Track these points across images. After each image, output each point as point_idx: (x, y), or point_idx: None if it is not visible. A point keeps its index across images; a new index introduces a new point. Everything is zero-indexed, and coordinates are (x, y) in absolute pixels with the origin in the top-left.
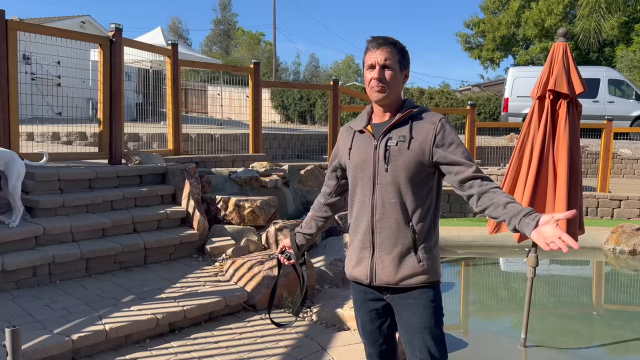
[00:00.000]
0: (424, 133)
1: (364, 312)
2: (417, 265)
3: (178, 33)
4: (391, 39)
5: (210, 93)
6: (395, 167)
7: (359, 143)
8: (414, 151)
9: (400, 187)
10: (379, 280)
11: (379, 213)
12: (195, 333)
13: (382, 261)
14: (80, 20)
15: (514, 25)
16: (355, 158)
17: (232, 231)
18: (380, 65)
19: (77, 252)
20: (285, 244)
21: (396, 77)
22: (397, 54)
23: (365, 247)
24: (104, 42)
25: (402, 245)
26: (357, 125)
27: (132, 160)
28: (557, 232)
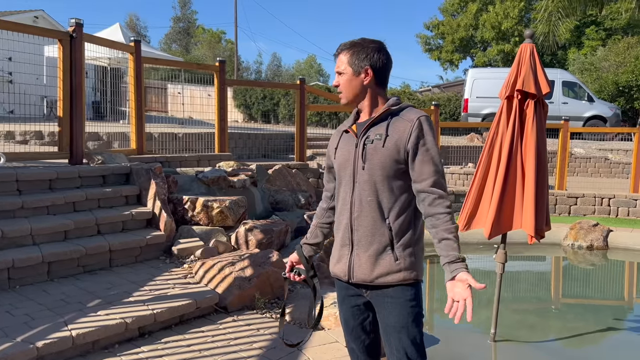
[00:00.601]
0: (399, 131)
1: (346, 308)
2: (394, 263)
3: (136, 30)
4: (344, 44)
5: (171, 91)
6: (372, 165)
7: (343, 142)
8: (389, 149)
9: (376, 185)
10: (356, 277)
11: (357, 211)
12: (166, 337)
13: (360, 258)
14: (33, 15)
15: (472, 28)
16: (339, 157)
17: (200, 232)
18: (337, 73)
19: (38, 256)
20: (293, 260)
21: (350, 81)
22: (349, 57)
23: (345, 244)
24: (63, 38)
25: (378, 243)
26: (344, 126)
27: (95, 160)
28: (465, 294)
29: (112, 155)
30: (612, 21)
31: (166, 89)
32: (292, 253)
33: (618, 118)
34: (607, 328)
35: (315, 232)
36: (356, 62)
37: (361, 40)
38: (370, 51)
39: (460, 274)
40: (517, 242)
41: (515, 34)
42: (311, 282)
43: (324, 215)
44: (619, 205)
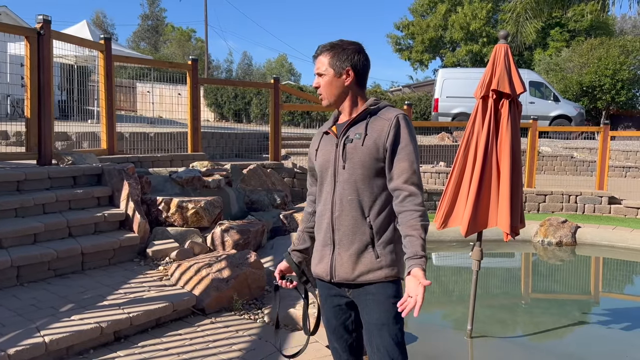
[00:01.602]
0: (378, 129)
1: (329, 307)
2: (375, 261)
3: (103, 27)
4: (324, 46)
5: (140, 90)
6: (352, 164)
7: (324, 143)
8: (368, 147)
9: (356, 184)
10: (337, 276)
11: (338, 210)
12: (142, 341)
13: (341, 257)
14: None
15: (441, 28)
16: (320, 158)
17: (175, 233)
18: (317, 74)
19: (7, 260)
20: (282, 268)
21: (330, 82)
22: (330, 58)
23: (326, 244)
24: (30, 35)
25: (359, 241)
26: (325, 127)
27: (64, 161)
28: (417, 290)
29: (82, 155)
30: (575, 23)
31: (135, 87)
32: (269, 251)
33: (582, 117)
34: (576, 322)
35: (302, 237)
36: (337, 64)
37: (340, 41)
38: (351, 52)
39: (414, 270)
40: (490, 239)
41: (484, 35)
42: (302, 287)
43: (309, 219)
44: (585, 202)
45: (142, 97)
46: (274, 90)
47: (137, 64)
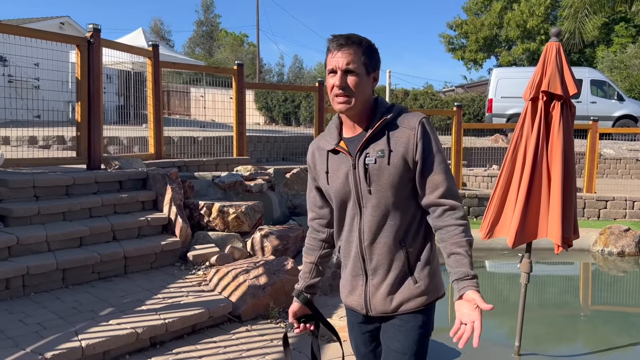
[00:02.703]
0: (403, 143)
1: (358, 334)
2: (414, 287)
3: (160, 34)
4: (355, 37)
5: (193, 95)
6: (379, 187)
7: (336, 164)
8: (396, 166)
9: (388, 208)
10: (374, 310)
11: (367, 238)
12: (177, 347)
13: (376, 289)
14: (59, 21)
15: (496, 27)
16: (335, 182)
17: (216, 238)
18: (343, 71)
19: (53, 263)
20: (296, 310)
21: (362, 83)
22: (363, 55)
23: (357, 274)
24: (81, 43)
25: (396, 269)
26: (328, 144)
27: (112, 165)
28: (473, 316)
29: (129, 160)
30: None
31: (189, 92)
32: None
33: None
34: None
35: (314, 270)
36: (370, 64)
37: (365, 39)
38: (378, 55)
39: (467, 293)
40: (545, 247)
41: (541, 32)
42: (329, 325)
43: (321, 246)
44: None
45: (195, 102)
46: (318, 93)
47: (184, 69)
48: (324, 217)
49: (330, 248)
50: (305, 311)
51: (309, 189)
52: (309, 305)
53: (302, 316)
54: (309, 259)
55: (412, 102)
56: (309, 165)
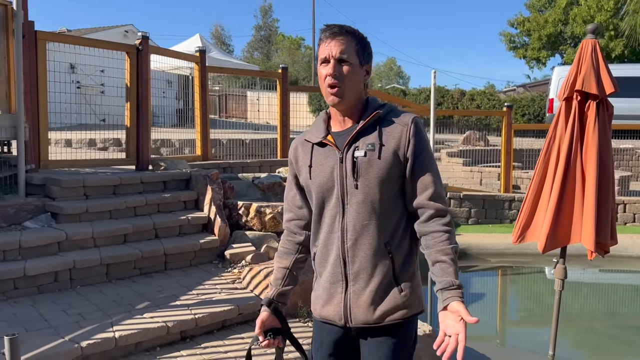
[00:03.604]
0: (395, 137)
1: (322, 355)
2: (399, 297)
3: (221, 39)
4: (348, 28)
5: (250, 98)
6: (367, 182)
7: (320, 158)
8: (387, 160)
9: (374, 206)
10: (355, 320)
11: (351, 239)
12: (206, 342)
13: (358, 297)
14: (124, 29)
15: (561, 23)
16: (319, 176)
17: (252, 237)
18: (336, 59)
19: (98, 258)
20: (264, 320)
21: (355, 74)
22: (357, 44)
23: (336, 280)
24: (130, 50)
25: (380, 274)
26: (314, 137)
27: (158, 166)
28: (457, 328)
29: (174, 161)
30: None
31: (245, 96)
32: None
33: None
34: None
35: (288, 276)
36: (364, 55)
37: (356, 29)
38: (371, 48)
39: (452, 304)
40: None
41: (610, 28)
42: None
43: (297, 250)
44: None
45: (251, 105)
46: None
47: (230, 73)
48: (303, 218)
49: (306, 253)
50: (274, 323)
51: (288, 187)
52: (279, 316)
53: (270, 329)
54: (282, 263)
55: (469, 102)
56: (290, 162)
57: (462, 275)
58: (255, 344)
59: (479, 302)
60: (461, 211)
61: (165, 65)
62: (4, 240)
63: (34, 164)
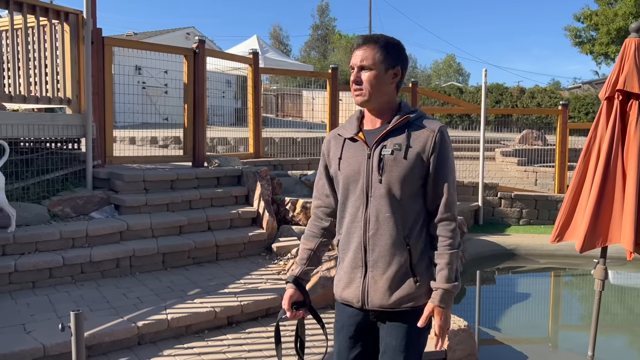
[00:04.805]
0: (422, 141)
1: (343, 337)
2: (415, 286)
3: (279, 40)
4: (374, 36)
5: (305, 97)
6: (390, 178)
7: (350, 152)
8: (411, 161)
9: (395, 200)
10: (371, 303)
11: (372, 228)
12: (250, 327)
13: (375, 282)
14: (186, 32)
15: (632, 16)
16: (346, 168)
17: (298, 232)
18: (358, 67)
19: (155, 247)
20: (291, 295)
21: (376, 79)
22: (378, 51)
23: (357, 266)
24: (188, 54)
25: (397, 263)
26: (347, 132)
27: (213, 163)
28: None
29: (227, 158)
30: None
31: (301, 95)
32: None
33: None
34: None
35: (313, 257)
36: (389, 60)
37: (390, 37)
38: (402, 51)
39: (428, 304)
40: None
41: None
42: (316, 312)
43: (322, 234)
44: None
45: (306, 105)
46: (411, 93)
47: (282, 74)
48: (329, 206)
49: (329, 238)
50: (299, 297)
51: (318, 177)
52: (302, 291)
53: (295, 303)
54: (308, 245)
55: (529, 100)
56: (322, 153)
57: (509, 276)
58: (282, 316)
59: (526, 302)
60: (512, 211)
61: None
62: (74, 229)
63: (100, 160)
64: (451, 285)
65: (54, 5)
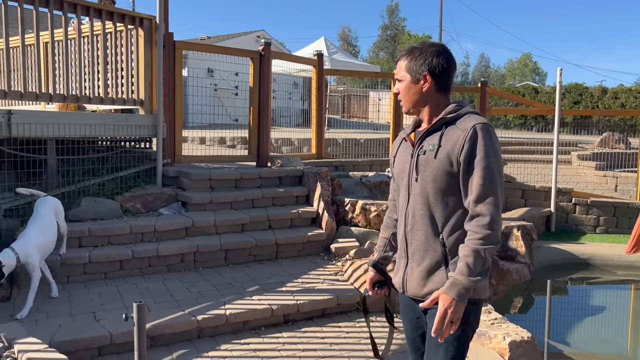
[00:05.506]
0: (452, 141)
1: (407, 319)
2: (446, 280)
3: (347, 41)
4: (407, 48)
5: (372, 98)
6: (423, 177)
7: (402, 151)
8: (441, 161)
9: (429, 198)
10: (409, 291)
11: (410, 224)
12: (306, 327)
13: (412, 272)
14: (255, 35)
15: None
16: (397, 167)
17: (357, 233)
18: (395, 79)
19: (218, 244)
20: (372, 277)
21: (407, 88)
22: (406, 61)
23: (401, 256)
24: (254, 56)
25: (431, 258)
26: (404, 133)
27: (275, 163)
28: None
29: (289, 159)
30: None
31: (367, 96)
32: None
33: None
34: None
35: (388, 244)
36: (414, 68)
37: (420, 44)
38: (429, 56)
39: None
40: None
41: None
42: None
43: (394, 225)
44: None
45: (373, 105)
46: (480, 93)
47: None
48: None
49: None
50: (379, 278)
51: (390, 172)
52: (382, 273)
53: (377, 282)
54: (384, 234)
55: (611, 100)
56: (391, 152)
57: (583, 287)
58: (366, 294)
59: (601, 316)
60: (587, 219)
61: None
62: (143, 224)
63: (170, 159)
64: (465, 278)
65: (130, 11)
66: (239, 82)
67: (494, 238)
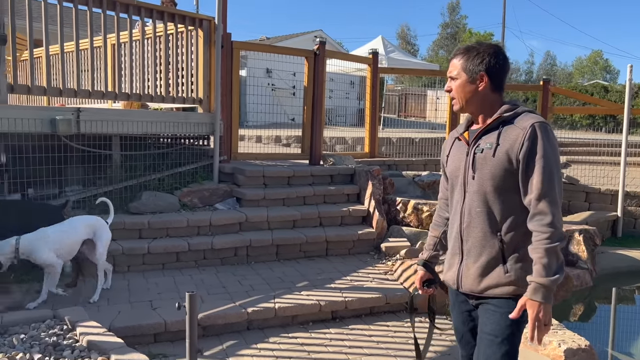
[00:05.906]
0: (511, 139)
1: (457, 313)
2: (503, 276)
3: (406, 39)
4: (458, 49)
5: (429, 97)
6: (481, 175)
7: (455, 150)
8: (499, 159)
9: (486, 196)
10: (464, 287)
11: (466, 221)
12: (353, 324)
13: (468, 269)
14: (313, 35)
15: None
16: (451, 165)
17: (408, 233)
18: (449, 77)
19: (270, 239)
20: (422, 276)
21: (462, 87)
22: (460, 60)
23: (455, 253)
24: (309, 55)
25: (488, 254)
26: (457, 132)
27: (328, 162)
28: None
29: (341, 157)
30: None
31: (425, 95)
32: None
33: None
34: None
35: (438, 243)
36: (471, 68)
37: (477, 44)
38: (486, 56)
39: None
40: None
41: None
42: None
43: (445, 224)
44: None
45: (431, 104)
46: (542, 92)
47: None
48: (449, 199)
49: None
50: (429, 277)
51: (442, 171)
52: (431, 271)
53: (426, 281)
54: (434, 233)
55: None
56: (442, 150)
57: None
58: (415, 293)
59: None
60: None
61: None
62: (200, 218)
63: (226, 156)
64: (545, 279)
65: (191, 12)
66: (296, 82)
67: (560, 235)
